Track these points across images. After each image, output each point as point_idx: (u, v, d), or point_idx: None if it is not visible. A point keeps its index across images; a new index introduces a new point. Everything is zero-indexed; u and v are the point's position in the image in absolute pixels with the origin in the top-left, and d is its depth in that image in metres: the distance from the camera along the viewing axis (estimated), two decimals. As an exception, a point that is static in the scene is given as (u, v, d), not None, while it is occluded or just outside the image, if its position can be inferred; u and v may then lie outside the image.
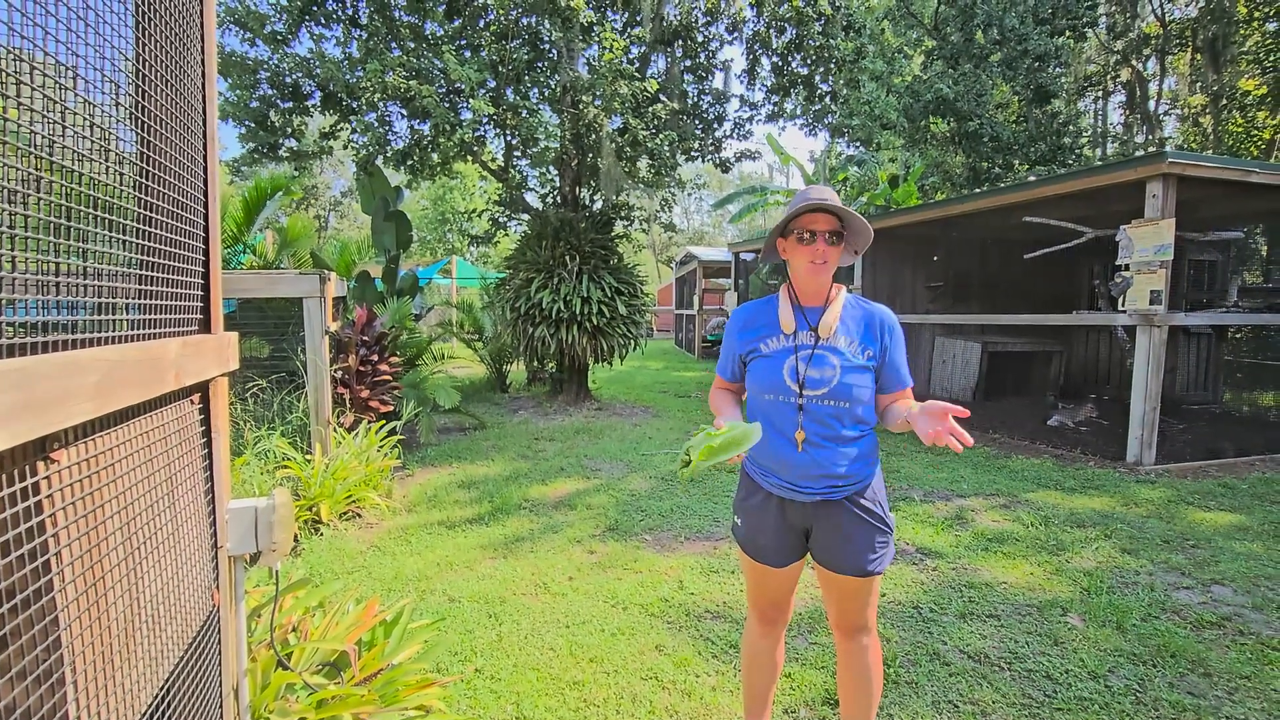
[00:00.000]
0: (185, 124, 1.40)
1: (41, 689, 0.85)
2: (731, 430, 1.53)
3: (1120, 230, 5.78)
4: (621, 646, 2.73)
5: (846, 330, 1.71)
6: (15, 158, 0.80)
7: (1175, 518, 4.31)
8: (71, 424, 0.86)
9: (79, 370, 0.86)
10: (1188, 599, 3.13)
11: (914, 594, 3.20)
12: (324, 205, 41.68)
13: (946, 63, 12.24)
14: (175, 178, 1.36)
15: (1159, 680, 2.45)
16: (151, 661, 1.20)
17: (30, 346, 0.83)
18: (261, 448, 4.39)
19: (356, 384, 5.45)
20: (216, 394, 1.57)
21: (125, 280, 1.14)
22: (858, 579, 1.71)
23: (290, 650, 1.94)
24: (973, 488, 5.03)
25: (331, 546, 3.86)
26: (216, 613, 1.57)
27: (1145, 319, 5.54)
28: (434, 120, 7.07)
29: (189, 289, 1.43)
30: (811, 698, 2.37)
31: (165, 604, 1.26)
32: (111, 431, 1.07)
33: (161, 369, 1.17)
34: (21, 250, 0.81)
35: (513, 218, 9.72)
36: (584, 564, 3.62)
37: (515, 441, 6.74)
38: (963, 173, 13.31)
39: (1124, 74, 15.90)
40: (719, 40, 8.85)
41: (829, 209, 1.63)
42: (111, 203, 1.12)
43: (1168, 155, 5.33)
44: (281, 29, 7.82)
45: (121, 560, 1.09)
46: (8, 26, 0.74)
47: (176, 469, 1.35)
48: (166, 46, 1.29)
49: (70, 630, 0.92)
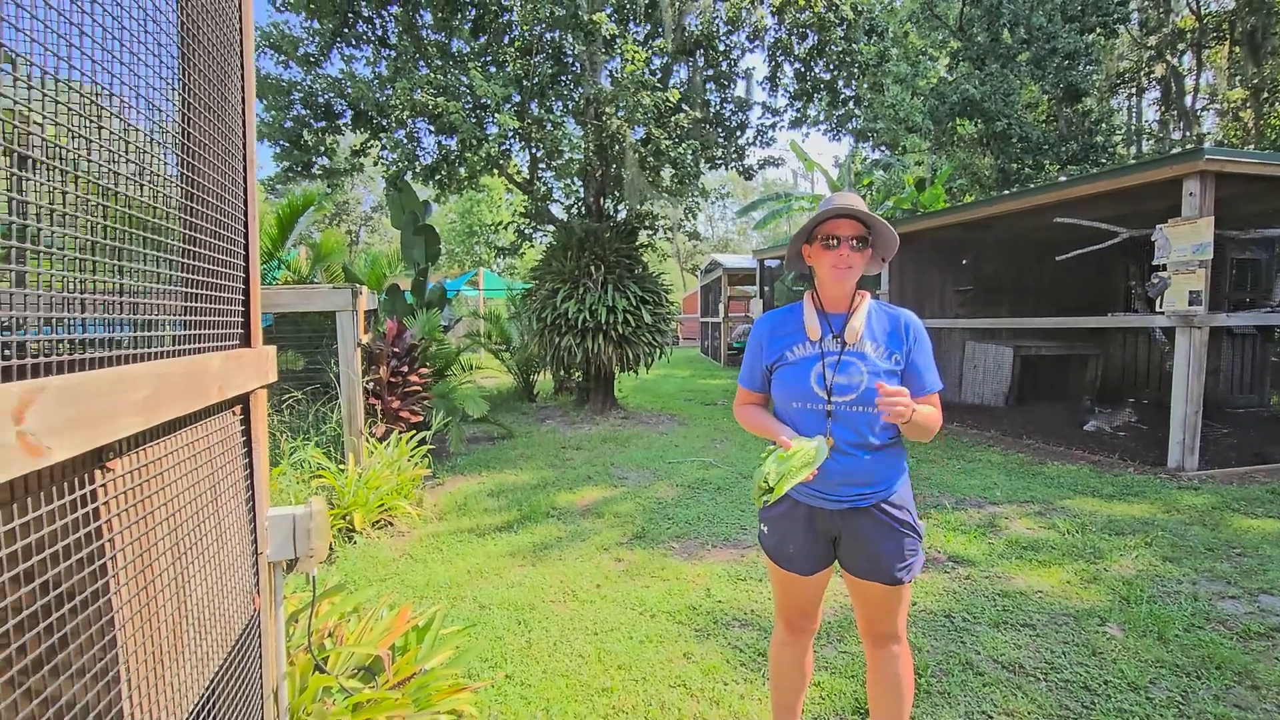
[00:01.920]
0: (226, 147, 1.47)
1: (98, 686, 0.90)
2: (804, 448, 1.57)
3: (1156, 230, 5.64)
4: (649, 654, 2.74)
5: (872, 335, 1.71)
6: (69, 183, 0.86)
7: (1220, 525, 4.17)
8: (124, 435, 0.91)
9: (130, 385, 0.91)
10: (1233, 609, 3.03)
11: (945, 602, 3.15)
12: (355, 221, 42.62)
13: (972, 64, 12.09)
14: (217, 199, 1.43)
15: (1203, 692, 2.37)
16: (198, 663, 1.25)
17: (84, 363, 0.88)
18: (297, 458, 4.51)
19: (388, 395, 5.56)
20: (256, 405, 1.63)
21: (171, 298, 1.21)
22: (887, 587, 1.70)
23: (327, 654, 1.99)
24: (1006, 495, 4.93)
25: (365, 554, 3.94)
26: (257, 616, 1.63)
27: (1184, 320, 5.39)
28: (461, 135, 7.21)
29: (230, 305, 1.50)
30: (841, 707, 2.35)
31: (210, 607, 1.31)
32: (160, 442, 1.13)
33: (205, 382, 1.23)
34: (75, 271, 0.87)
35: (538, 229, 9.84)
36: (612, 571, 3.64)
37: (543, 450, 6.79)
38: (992, 174, 13.10)
39: (1158, 70, 15.51)
40: (740, 48, 8.88)
41: (854, 214, 1.64)
42: (159, 224, 1.18)
43: (1205, 152, 5.19)
44: (314, 51, 8.07)
45: (170, 564, 1.15)
46: (59, 59, 0.80)
47: (220, 478, 1.41)
48: (208, 73, 1.36)
49: (124, 630, 0.97)
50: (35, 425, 0.70)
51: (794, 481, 1.55)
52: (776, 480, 1.54)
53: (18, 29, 0.70)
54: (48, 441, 0.73)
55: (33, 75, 0.75)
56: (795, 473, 1.55)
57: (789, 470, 1.55)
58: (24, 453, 0.69)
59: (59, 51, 0.78)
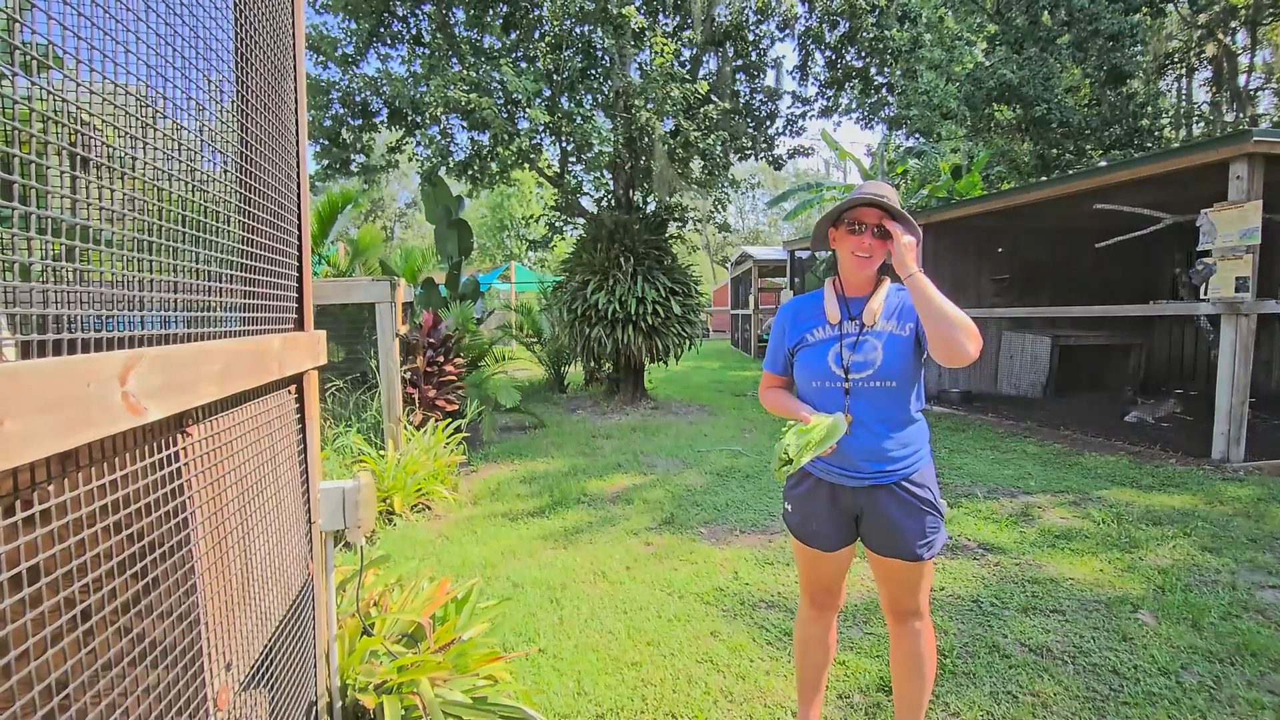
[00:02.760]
0: (280, 144, 1.59)
1: (181, 626, 1.01)
2: (824, 422, 1.62)
3: (1201, 215, 5.48)
4: (677, 632, 2.82)
5: (889, 315, 1.75)
6: (135, 183, 0.96)
7: (1264, 516, 4.07)
8: (202, 403, 1.02)
9: (208, 358, 1.02)
10: (1273, 598, 2.98)
11: (974, 588, 3.16)
12: (390, 216, 43.44)
13: (1010, 48, 11.78)
14: (275, 192, 1.54)
15: (1236, 678, 2.36)
16: (261, 617, 1.37)
17: (169, 339, 0.99)
18: (340, 444, 4.69)
19: (424, 384, 5.74)
20: (309, 385, 1.76)
21: (238, 283, 1.32)
22: (907, 563, 1.74)
23: (373, 621, 2.11)
24: (1040, 485, 4.88)
25: (404, 536, 4.10)
26: (311, 581, 1.75)
27: (1230, 307, 5.23)
28: (493, 131, 7.35)
29: (286, 291, 1.61)
30: (866, 684, 2.40)
31: (272, 567, 1.43)
32: (231, 412, 1.25)
33: (267, 360, 1.34)
34: (157, 258, 0.98)
35: (568, 222, 9.96)
36: (641, 554, 3.73)
37: (573, 439, 6.92)
38: (1030, 161, 12.77)
39: (1209, 49, 14.89)
40: (770, 38, 8.84)
41: (880, 204, 1.68)
42: (226, 217, 1.29)
43: (1253, 134, 5.02)
44: (351, 51, 8.30)
45: (238, 525, 1.26)
46: (119, 66, 0.90)
47: (278, 449, 1.53)
48: (264, 73, 1.47)
49: (203, 579, 1.08)
50: (135, 388, 0.81)
51: (813, 454, 1.61)
52: (796, 452, 1.60)
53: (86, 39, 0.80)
54: (145, 403, 0.83)
55: (103, 80, 0.85)
56: (814, 445, 1.61)
57: (808, 443, 1.61)
58: (127, 411, 0.79)
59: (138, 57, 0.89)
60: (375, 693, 1.83)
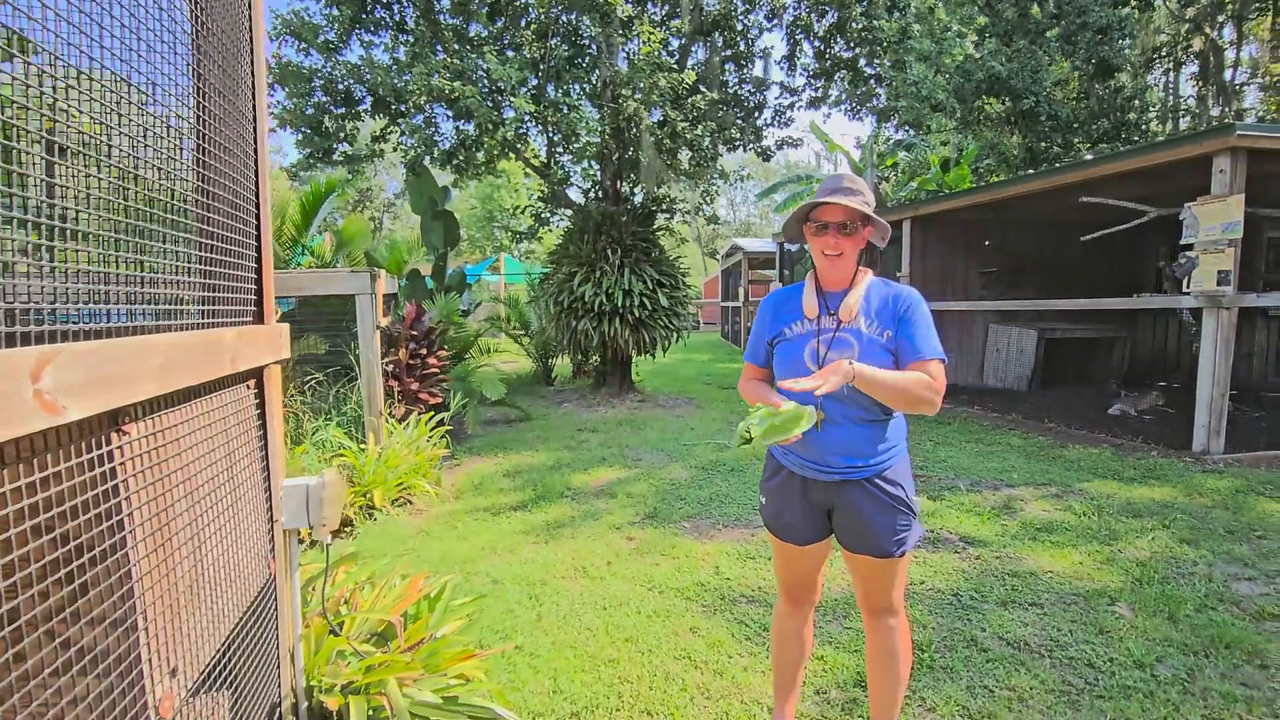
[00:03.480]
0: (237, 131, 1.53)
1: (117, 632, 0.97)
2: (790, 410, 1.60)
3: (1185, 208, 5.50)
4: (656, 628, 2.80)
5: (867, 313, 1.72)
6: (88, 167, 0.91)
7: (1242, 508, 4.10)
8: (138, 400, 0.97)
9: (143, 353, 0.97)
10: (1249, 590, 3.00)
11: (954, 581, 3.16)
12: (378, 207, 42.99)
13: (1000, 40, 11.77)
14: (229, 180, 1.48)
15: (1210, 671, 2.37)
16: (214, 619, 1.33)
17: (104, 332, 0.94)
18: (319, 438, 4.64)
19: (407, 377, 5.67)
20: (270, 380, 1.71)
21: (186, 275, 1.27)
22: (879, 560, 1.72)
23: (342, 620, 2.08)
24: (1023, 477, 4.89)
25: (384, 531, 4.06)
26: (273, 581, 1.71)
27: (1212, 301, 5.26)
28: (477, 120, 7.25)
29: (243, 284, 1.56)
30: (843, 679, 2.39)
31: (226, 568, 1.39)
32: (176, 409, 1.20)
33: (218, 355, 1.29)
34: (99, 249, 0.93)
35: (555, 213, 9.88)
36: (623, 550, 3.71)
37: (559, 432, 6.88)
38: (1019, 154, 12.78)
39: (1196, 43, 14.95)
40: (758, 27, 8.77)
41: (839, 204, 1.65)
42: (174, 204, 1.24)
43: (1236, 128, 5.03)
44: (333, 38, 8.15)
45: (186, 525, 1.22)
46: (70, 43, 0.85)
47: (235, 446, 1.48)
48: (220, 59, 1.41)
49: (142, 583, 1.04)
50: (51, 385, 0.76)
51: (775, 439, 1.59)
52: (757, 432, 1.58)
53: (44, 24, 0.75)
54: (64, 401, 0.79)
55: (56, 65, 0.80)
56: (776, 430, 1.59)
57: (770, 426, 1.59)
58: (41, 409, 0.75)
59: (81, 43, 0.84)
60: (342, 693, 1.80)
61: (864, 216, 1.67)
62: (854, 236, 1.68)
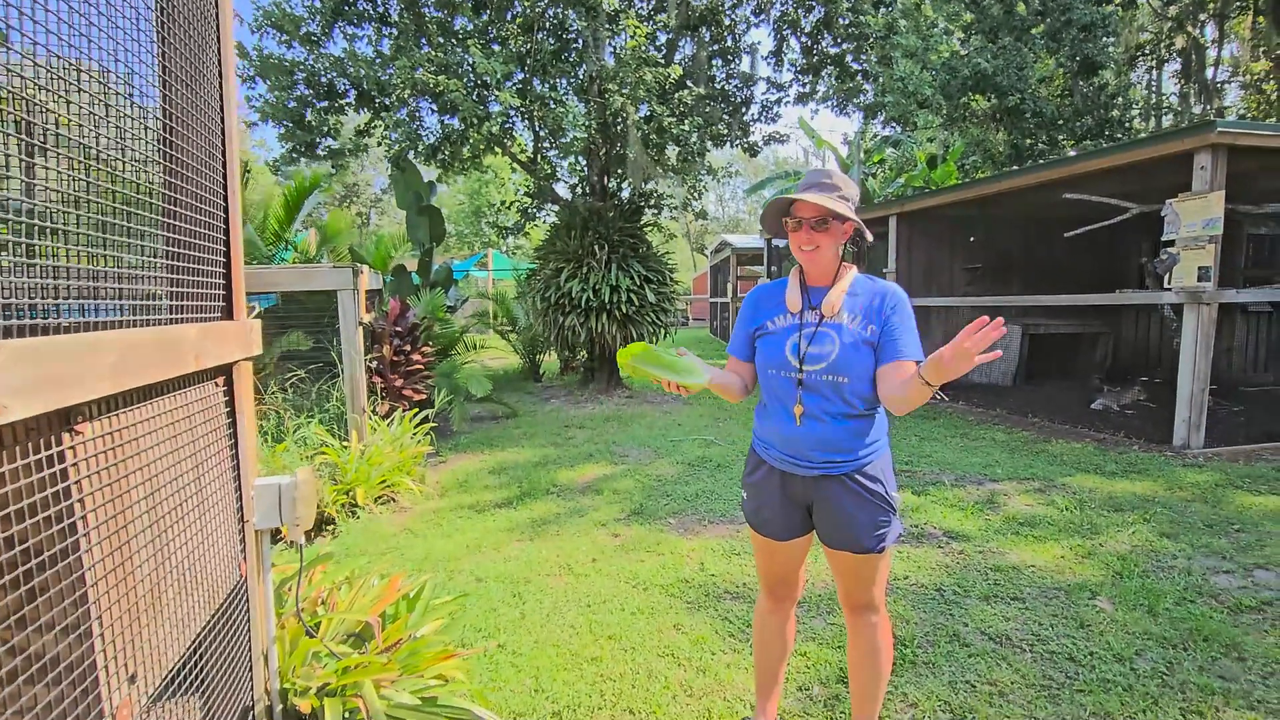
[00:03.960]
0: (205, 122, 1.49)
1: (69, 639, 0.94)
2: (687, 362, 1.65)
3: (1166, 205, 5.54)
4: (640, 625, 2.79)
5: (851, 308, 1.71)
6: (39, 154, 0.87)
7: (1221, 501, 4.14)
8: (90, 399, 0.94)
9: (94, 350, 0.94)
10: (1227, 583, 3.03)
11: (937, 576, 3.17)
12: (365, 202, 42.61)
13: (985, 36, 11.82)
14: (195, 173, 1.44)
15: (1188, 664, 2.38)
16: (179, 623, 1.29)
17: (55, 328, 0.91)
18: (301, 435, 4.58)
19: (391, 373, 5.62)
20: (240, 377, 1.67)
21: (147, 270, 1.23)
22: (858, 556, 1.72)
23: (319, 621, 2.04)
24: (1007, 472, 4.92)
25: (366, 529, 4.02)
26: (244, 582, 1.67)
27: (1193, 297, 5.31)
28: (462, 114, 7.18)
29: (209, 279, 1.52)
30: (826, 675, 2.39)
31: (192, 570, 1.35)
32: (136, 408, 1.16)
33: (180, 351, 1.26)
34: (54, 243, 0.89)
35: (542, 208, 9.82)
36: (608, 546, 3.69)
37: (546, 429, 6.85)
38: (1005, 151, 12.85)
39: (1179, 41, 15.09)
40: (746, 22, 8.74)
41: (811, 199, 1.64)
42: (136, 198, 1.20)
43: (1216, 125, 5.07)
44: (316, 30, 8.04)
45: (148, 526, 1.18)
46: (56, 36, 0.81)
47: (201, 446, 1.44)
48: (185, 47, 1.37)
49: (97, 588, 1.00)
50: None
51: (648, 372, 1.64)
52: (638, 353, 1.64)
53: None
54: (4, 400, 0.76)
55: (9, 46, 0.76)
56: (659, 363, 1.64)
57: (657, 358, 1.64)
58: (-22, 409, 0.72)
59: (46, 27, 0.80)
60: (317, 696, 1.77)
61: (836, 213, 1.66)
62: (829, 232, 1.67)
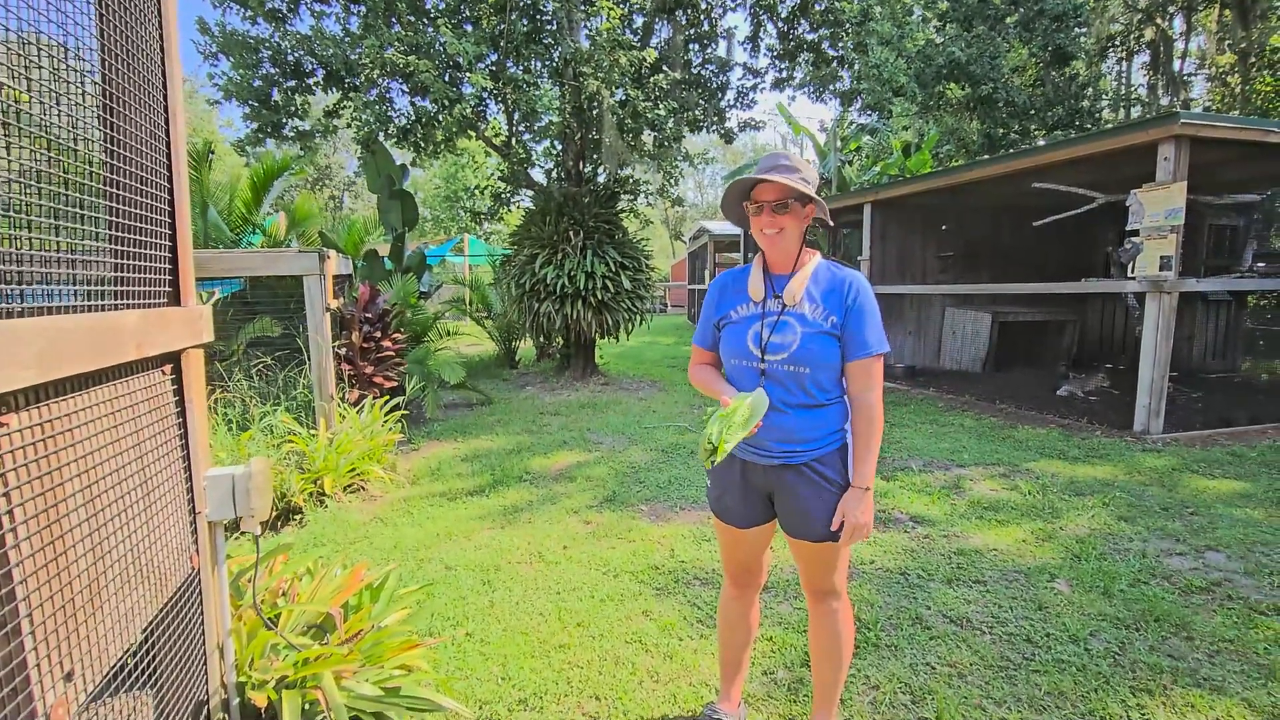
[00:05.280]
0: (145, 100, 1.43)
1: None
2: (744, 403, 1.59)
3: (1131, 195, 5.64)
4: (609, 612, 2.79)
5: (811, 297, 1.70)
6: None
7: (1177, 485, 4.27)
8: (11, 388, 0.90)
9: (15, 340, 0.90)
10: (1179, 565, 3.12)
11: (902, 561, 3.22)
12: (339, 185, 41.74)
13: (960, 25, 11.88)
14: (137, 152, 1.39)
15: (1139, 644, 2.46)
16: (122, 617, 1.26)
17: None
18: (268, 423, 4.49)
19: (360, 360, 5.53)
20: (189, 365, 1.62)
21: (85, 253, 1.18)
22: (817, 545, 1.73)
23: (279, 612, 2.01)
24: (974, 458, 5.02)
25: (335, 518, 3.97)
26: (196, 575, 1.64)
27: (1155, 285, 5.43)
28: (433, 95, 7.04)
29: (154, 263, 1.47)
30: (791, 660, 2.42)
31: (136, 563, 1.32)
32: (69, 398, 1.12)
33: (118, 339, 1.21)
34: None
35: (516, 193, 9.70)
36: (579, 533, 3.69)
37: (520, 416, 6.81)
38: (978, 140, 12.99)
39: (1149, 33, 15.33)
40: (722, 6, 8.67)
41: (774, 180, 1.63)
42: (73, 180, 1.15)
43: (1180, 116, 5.17)
44: (281, 6, 7.80)
45: (85, 519, 1.14)
46: None
47: (146, 436, 1.40)
48: (123, 20, 1.31)
49: (26, 584, 0.97)
50: (-109, 374, 0.69)
51: (739, 437, 1.57)
52: (719, 440, 1.56)
53: None
54: (-91, 391, 0.72)
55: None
56: (738, 428, 1.58)
57: (730, 426, 1.58)
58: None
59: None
60: (274, 689, 1.74)
61: (801, 195, 1.65)
62: (791, 214, 1.66)
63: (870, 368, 1.68)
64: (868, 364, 1.67)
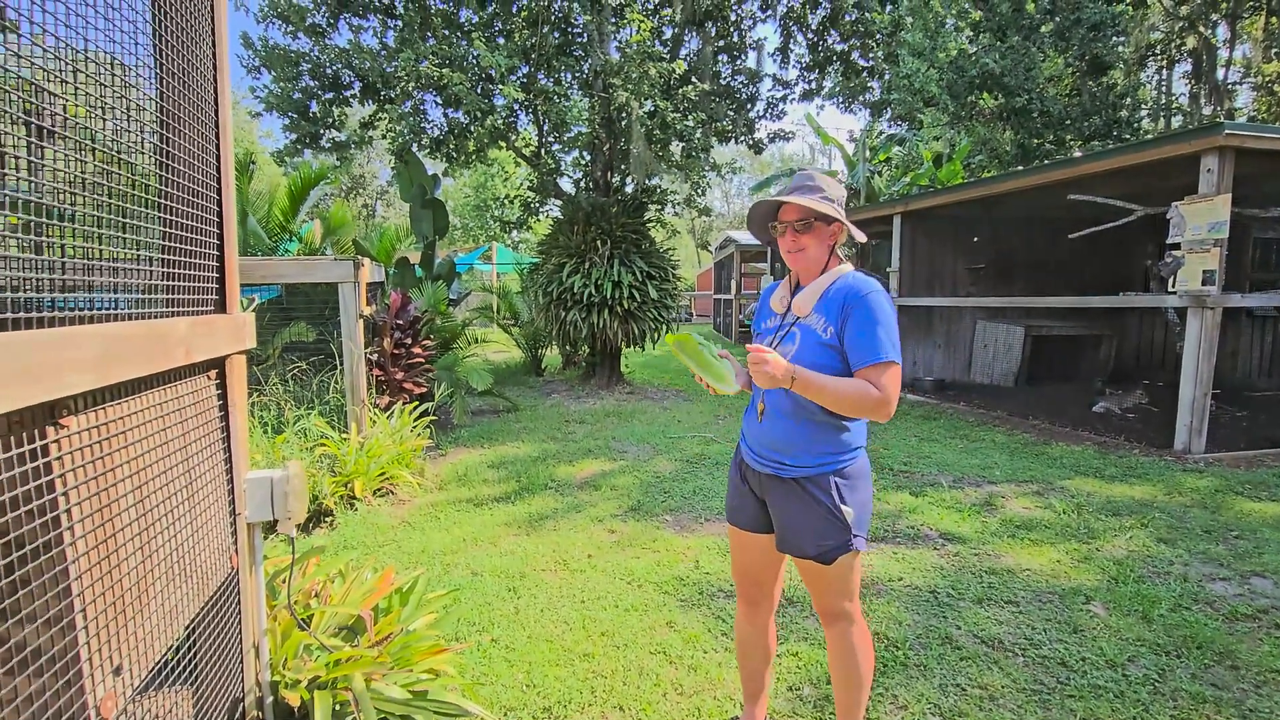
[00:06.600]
0: (198, 115, 1.49)
1: (52, 630, 0.94)
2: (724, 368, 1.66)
3: (1172, 207, 5.50)
4: (634, 622, 2.79)
5: (819, 308, 1.70)
6: (27, 139, 0.87)
7: (1220, 507, 4.13)
8: (73, 392, 0.94)
9: (75, 344, 0.94)
10: (1223, 590, 3.02)
11: (931, 579, 3.17)
12: (372, 194, 42.63)
13: (994, 35, 11.74)
14: (189, 165, 1.44)
15: (1181, 671, 2.38)
16: (167, 615, 1.30)
17: (32, 321, 0.91)
18: (301, 426, 4.59)
19: (391, 366, 5.63)
20: (233, 370, 1.67)
21: (140, 262, 1.23)
22: (804, 562, 1.71)
23: (312, 613, 2.05)
24: (1005, 474, 4.91)
25: (365, 521, 4.03)
26: (235, 575, 1.68)
27: (1197, 300, 5.28)
28: (466, 107, 7.18)
29: (203, 272, 1.52)
30: (816, 676, 2.39)
31: (181, 562, 1.36)
32: (123, 401, 1.17)
33: (168, 345, 1.26)
34: (50, 236, 0.89)
35: (545, 203, 9.82)
36: (604, 542, 3.69)
37: (546, 423, 6.86)
38: (1011, 150, 12.78)
39: (1190, 41, 14.96)
40: (752, 18, 8.70)
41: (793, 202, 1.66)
42: (129, 193, 1.20)
43: (1225, 126, 5.03)
44: (321, 21, 8.04)
45: (136, 519, 1.19)
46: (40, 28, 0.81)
47: (192, 439, 1.45)
48: (179, 39, 1.37)
49: (81, 580, 1.01)
50: (-34, 378, 0.73)
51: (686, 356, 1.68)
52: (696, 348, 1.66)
53: None
54: (-16, 394, 0.76)
55: None
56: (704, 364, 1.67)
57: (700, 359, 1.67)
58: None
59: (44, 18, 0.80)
60: (306, 688, 1.77)
61: (822, 214, 1.66)
62: (814, 233, 1.67)
63: (873, 376, 1.56)
64: (870, 373, 1.57)
